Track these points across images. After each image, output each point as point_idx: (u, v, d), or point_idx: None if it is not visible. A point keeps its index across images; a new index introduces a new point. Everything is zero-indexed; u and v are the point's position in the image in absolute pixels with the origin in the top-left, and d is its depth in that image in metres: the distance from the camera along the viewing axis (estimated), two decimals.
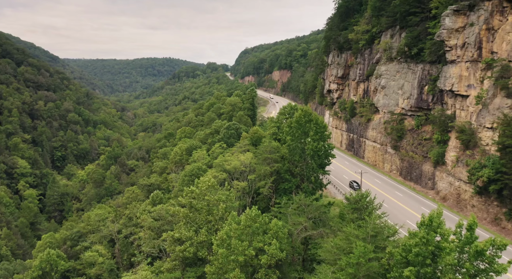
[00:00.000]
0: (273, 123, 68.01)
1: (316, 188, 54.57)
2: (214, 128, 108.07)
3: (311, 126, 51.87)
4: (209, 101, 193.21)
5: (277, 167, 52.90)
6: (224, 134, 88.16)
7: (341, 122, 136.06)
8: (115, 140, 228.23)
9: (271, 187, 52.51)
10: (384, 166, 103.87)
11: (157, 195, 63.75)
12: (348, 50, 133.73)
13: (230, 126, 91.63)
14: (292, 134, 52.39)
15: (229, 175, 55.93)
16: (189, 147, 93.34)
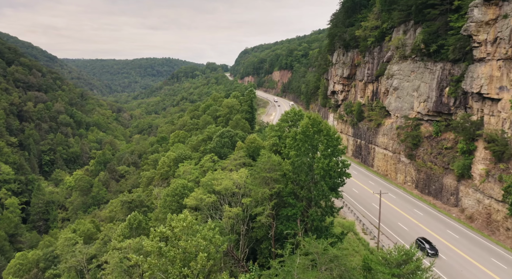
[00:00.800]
0: (273, 131, 57.52)
1: (326, 214, 43.97)
2: (207, 134, 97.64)
3: (321, 138, 41.33)
4: (206, 102, 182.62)
5: (278, 189, 42.35)
6: (217, 143, 77.45)
7: (347, 126, 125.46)
8: (107, 143, 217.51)
9: (270, 214, 41.92)
10: (397, 177, 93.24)
11: (135, 217, 53.33)
12: (354, 48, 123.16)
13: (224, 133, 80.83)
14: (297, 148, 41.83)
15: (219, 198, 45.47)
16: (178, 157, 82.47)
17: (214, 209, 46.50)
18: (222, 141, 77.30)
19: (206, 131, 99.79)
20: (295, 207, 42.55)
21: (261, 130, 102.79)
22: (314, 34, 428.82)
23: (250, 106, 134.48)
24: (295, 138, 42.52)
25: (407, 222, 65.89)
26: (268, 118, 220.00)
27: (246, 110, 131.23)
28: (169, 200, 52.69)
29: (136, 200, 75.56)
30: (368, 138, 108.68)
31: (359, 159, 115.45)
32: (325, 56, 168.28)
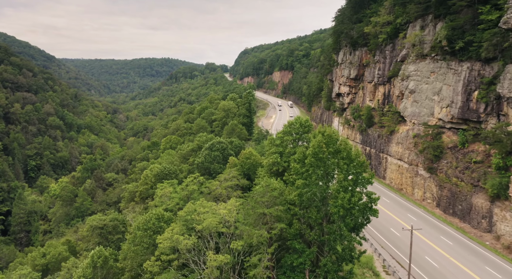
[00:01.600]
0: (274, 147, 46.38)
1: (344, 261, 32.74)
2: (197, 143, 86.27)
3: (339, 162, 30.08)
4: (202, 104, 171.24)
5: (280, 230, 31.19)
6: (205, 158, 66.08)
7: (355, 132, 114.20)
8: (98, 147, 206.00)
9: (270, 265, 30.70)
10: (414, 192, 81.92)
11: (100, 253, 42.26)
12: (363, 46, 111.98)
13: (214, 145, 69.29)
14: (307, 176, 30.75)
15: (201, 239, 34.36)
16: (161, 172, 70.76)
17: (197, 252, 35.29)
18: (212, 154, 65.94)
19: (197, 140, 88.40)
20: (302, 254, 31.44)
21: (259, 139, 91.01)
22: (316, 33, 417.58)
23: (248, 110, 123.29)
24: (303, 162, 31.26)
25: (436, 255, 54.53)
26: (268, 121, 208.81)
27: (243, 114, 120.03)
28: (139, 235, 41.57)
29: (109, 225, 64.14)
30: (379, 146, 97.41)
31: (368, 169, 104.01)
32: (329, 56, 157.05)
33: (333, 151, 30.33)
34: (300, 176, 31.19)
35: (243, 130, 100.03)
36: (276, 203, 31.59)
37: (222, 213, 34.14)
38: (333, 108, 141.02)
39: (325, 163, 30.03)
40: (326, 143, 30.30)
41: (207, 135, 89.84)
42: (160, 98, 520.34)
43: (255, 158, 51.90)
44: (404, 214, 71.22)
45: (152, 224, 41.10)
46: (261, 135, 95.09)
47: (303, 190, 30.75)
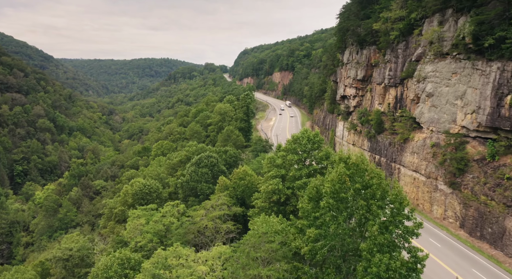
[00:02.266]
0: (274, 168, 36.72)
1: None
2: (185, 154, 76.53)
3: (370, 205, 20.60)
4: (197, 107, 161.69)
5: None
6: (191, 176, 56.36)
7: (362, 138, 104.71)
8: (89, 151, 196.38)
9: None
10: (432, 210, 72.38)
11: None
12: (371, 44, 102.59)
13: (202, 160, 59.29)
14: (322, 223, 21.11)
15: None
16: (140, 190, 60.84)
17: None
18: (199, 172, 56.26)
19: (185, 150, 78.67)
20: None
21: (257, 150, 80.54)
22: (317, 33, 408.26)
23: (246, 114, 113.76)
24: (316, 201, 21.67)
25: None
26: (267, 124, 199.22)
27: (241, 118, 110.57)
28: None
29: (75, 256, 54.43)
30: (391, 155, 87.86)
31: None
32: (333, 55, 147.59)
33: (360, 188, 21.16)
34: (313, 222, 21.92)
35: (240, 137, 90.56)
36: (276, 258, 22.30)
37: (201, 272, 24.87)
38: (337, 112, 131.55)
39: (350, 205, 20.86)
40: (350, 176, 21.13)
41: (197, 144, 79.86)
42: (158, 99, 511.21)
43: (251, 179, 42.64)
44: (424, 238, 61.60)
45: (114, 271, 31.81)
46: (259, 145, 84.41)
47: (317, 245, 21.45)
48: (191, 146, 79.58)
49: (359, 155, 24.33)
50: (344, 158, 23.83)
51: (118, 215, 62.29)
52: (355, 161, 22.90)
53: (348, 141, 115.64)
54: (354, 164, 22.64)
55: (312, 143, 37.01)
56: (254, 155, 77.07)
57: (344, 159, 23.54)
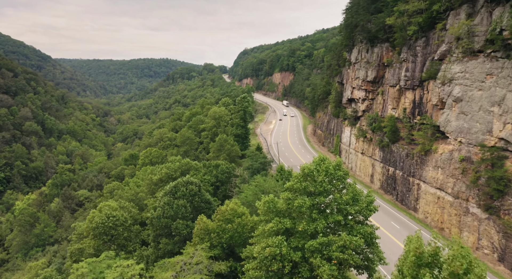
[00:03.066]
0: (275, 219, 24.76)
1: None
2: (166, 172, 64.67)
3: None
4: (192, 110, 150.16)
5: None
6: (164, 210, 43.83)
7: (372, 146, 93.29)
8: (78, 156, 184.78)
9: None
10: (461, 236, 60.85)
11: None
12: (384, 41, 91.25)
13: (178, 188, 46.48)
14: None
15: None
16: (102, 223, 48.46)
17: None
18: (174, 205, 44.16)
19: (166, 167, 66.71)
20: None
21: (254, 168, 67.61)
22: (318, 33, 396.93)
23: (243, 119, 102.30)
24: None
25: None
26: (267, 127, 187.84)
27: (237, 124, 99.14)
28: None
29: None
30: (408, 168, 76.34)
31: (391, 195, 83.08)
32: (338, 54, 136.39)
33: None
34: None
35: (235, 147, 79.13)
36: None
37: None
38: (343, 116, 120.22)
39: None
40: None
41: (181, 159, 68.13)
42: (156, 100, 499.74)
43: (243, 221, 31.23)
44: None
45: None
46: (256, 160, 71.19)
47: None
48: (173, 161, 67.53)
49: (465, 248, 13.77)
50: (414, 243, 13.11)
51: (74, 254, 50.76)
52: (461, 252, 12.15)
53: (356, 149, 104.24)
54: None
55: (332, 178, 25.46)
56: (250, 173, 65.47)
57: (412, 242, 12.77)
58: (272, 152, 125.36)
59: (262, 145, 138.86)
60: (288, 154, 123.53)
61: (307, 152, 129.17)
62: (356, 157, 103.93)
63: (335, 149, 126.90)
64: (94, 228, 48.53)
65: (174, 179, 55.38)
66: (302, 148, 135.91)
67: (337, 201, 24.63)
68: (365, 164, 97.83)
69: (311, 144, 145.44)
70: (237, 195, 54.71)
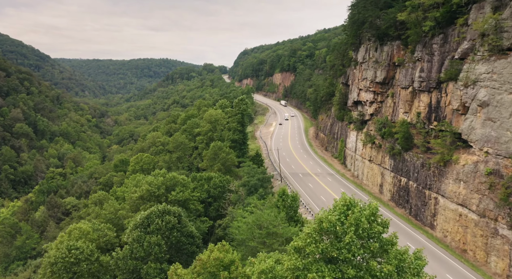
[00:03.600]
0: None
1: None
2: (147, 188, 56.98)
3: None
4: (188, 112, 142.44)
5: None
6: (133, 249, 34.40)
7: (382, 154, 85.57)
8: (69, 160, 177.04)
9: None
10: (489, 261, 53.13)
11: None
12: (395, 39, 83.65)
13: (151, 220, 37.46)
14: None
15: None
16: (65, 256, 40.57)
17: None
18: (146, 242, 35.35)
19: (147, 182, 58.75)
20: None
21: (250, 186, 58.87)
22: (320, 33, 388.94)
23: (241, 123, 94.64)
24: None
25: None
26: (267, 130, 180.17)
27: (234, 129, 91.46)
28: None
29: None
30: (424, 179, 68.60)
31: (404, 208, 75.27)
32: (342, 53, 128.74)
33: None
34: None
35: (231, 155, 71.40)
36: None
37: None
38: (348, 119, 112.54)
39: None
40: None
41: (166, 172, 60.07)
42: (154, 100, 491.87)
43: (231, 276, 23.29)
44: None
45: None
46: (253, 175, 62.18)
47: None
48: (157, 175, 59.42)
49: None
50: None
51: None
52: None
53: (363, 156, 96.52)
54: None
55: (366, 236, 16.64)
56: (247, 191, 57.42)
57: None
58: (272, 158, 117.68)
59: (262, 149, 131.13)
60: (289, 160, 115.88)
61: (309, 157, 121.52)
62: (363, 165, 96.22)
63: (339, 154, 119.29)
64: (52, 263, 40.63)
65: (157, 198, 47.69)
66: (304, 153, 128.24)
67: (373, 273, 16.49)
68: (373, 173, 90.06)
69: (313, 148, 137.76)
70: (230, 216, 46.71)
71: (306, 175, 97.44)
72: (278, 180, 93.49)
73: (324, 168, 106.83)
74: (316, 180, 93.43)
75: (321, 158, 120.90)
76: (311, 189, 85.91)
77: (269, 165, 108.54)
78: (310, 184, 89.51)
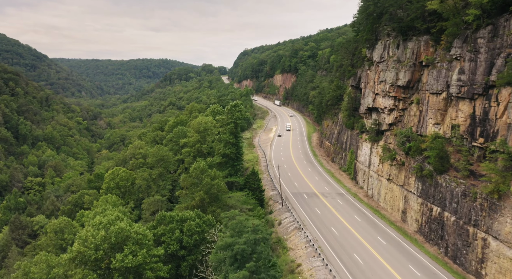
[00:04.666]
0: None
1: None
2: (77, 250, 39.64)
3: None
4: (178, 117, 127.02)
5: None
6: None
7: (405, 173, 70.27)
8: (50, 167, 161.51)
9: None
10: None
11: None
12: (422, 33, 68.49)
13: None
14: None
15: None
16: None
17: None
18: None
19: (79, 240, 42.06)
20: None
21: (234, 256, 42.77)
22: (322, 33, 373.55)
23: (234, 134, 79.17)
24: None
25: None
26: (267, 136, 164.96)
27: (226, 141, 76.20)
28: None
29: None
30: (467, 213, 53.18)
31: (437, 246, 59.79)
32: (352, 51, 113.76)
33: None
34: None
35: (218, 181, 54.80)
36: None
37: None
38: (359, 128, 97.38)
39: None
40: None
41: (110, 222, 43.20)
42: (151, 101, 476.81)
43: None
44: None
45: None
46: (240, 229, 42.54)
47: None
48: (96, 226, 41.83)
49: None
50: None
51: None
52: None
53: (380, 173, 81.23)
54: None
55: None
56: (230, 260, 42.25)
57: None
58: (271, 172, 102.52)
59: (260, 162, 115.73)
60: (291, 174, 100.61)
61: (314, 171, 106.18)
62: (379, 184, 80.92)
63: (349, 167, 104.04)
64: None
65: (95, 263, 33.02)
66: (308, 165, 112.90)
67: None
68: (393, 195, 74.73)
69: (318, 159, 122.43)
70: None
71: (312, 196, 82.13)
72: (278, 202, 78.08)
73: (332, 186, 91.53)
74: (324, 202, 78.11)
75: (328, 172, 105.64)
76: (318, 216, 70.58)
77: (268, 182, 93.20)
78: (317, 209, 74.18)
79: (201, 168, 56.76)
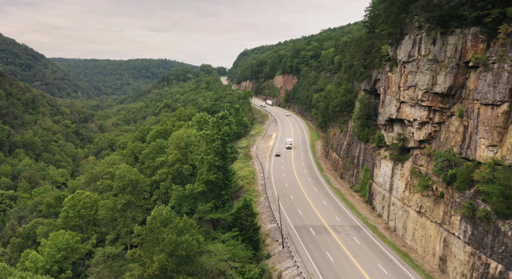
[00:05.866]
0: None
1: None
2: None
3: None
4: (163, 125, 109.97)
5: None
6: None
7: (445, 208, 53.30)
8: (23, 179, 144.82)
9: None
10: None
11: None
12: (469, 25, 51.66)
13: None
14: None
15: None
16: None
17: None
18: None
19: None
20: None
21: None
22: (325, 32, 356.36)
23: (222, 154, 61.81)
24: None
25: None
26: (266, 144, 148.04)
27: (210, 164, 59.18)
28: None
29: None
30: None
31: None
32: (365, 50, 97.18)
33: None
34: None
35: (191, 237, 36.88)
36: None
37: None
38: (376, 141, 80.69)
39: None
40: None
41: None
42: (147, 103, 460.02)
43: None
44: None
45: None
46: None
47: None
48: None
49: None
50: None
51: None
52: None
53: (406, 203, 64.33)
54: None
55: None
56: None
57: None
58: (270, 193, 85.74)
59: (257, 179, 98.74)
60: (293, 197, 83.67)
61: (321, 192, 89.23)
62: (406, 215, 64.05)
63: (362, 188, 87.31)
64: None
65: None
66: (313, 183, 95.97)
67: None
68: (425, 234, 57.81)
69: (324, 174, 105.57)
70: None
71: (321, 231, 65.07)
72: (277, 241, 60.92)
73: (344, 215, 74.49)
74: (337, 242, 61.07)
75: (337, 193, 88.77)
76: (331, 266, 53.44)
77: (265, 210, 76.12)
78: (328, 253, 57.13)
79: (162, 219, 39.12)
